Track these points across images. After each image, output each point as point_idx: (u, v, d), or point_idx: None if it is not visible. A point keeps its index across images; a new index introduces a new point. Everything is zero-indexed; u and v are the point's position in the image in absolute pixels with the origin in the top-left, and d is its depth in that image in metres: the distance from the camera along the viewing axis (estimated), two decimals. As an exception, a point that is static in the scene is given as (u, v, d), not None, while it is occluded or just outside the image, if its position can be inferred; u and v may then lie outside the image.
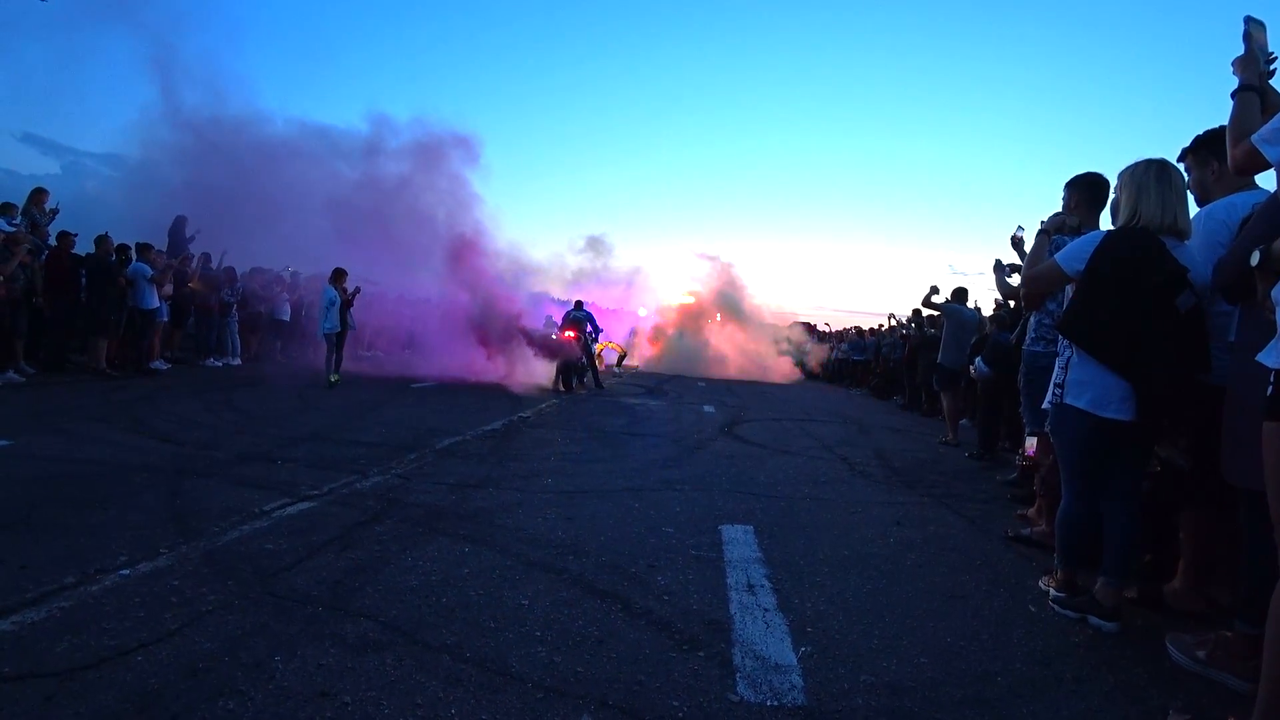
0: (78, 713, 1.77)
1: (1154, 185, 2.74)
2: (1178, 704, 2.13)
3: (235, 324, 12.56)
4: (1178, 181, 2.77)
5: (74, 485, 3.91)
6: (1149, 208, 2.73)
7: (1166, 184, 2.74)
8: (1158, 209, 2.72)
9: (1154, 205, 2.73)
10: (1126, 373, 2.69)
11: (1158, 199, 2.73)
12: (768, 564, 3.34)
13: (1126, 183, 2.83)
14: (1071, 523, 2.92)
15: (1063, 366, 2.91)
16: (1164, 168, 2.77)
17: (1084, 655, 2.56)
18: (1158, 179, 2.75)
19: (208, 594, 2.56)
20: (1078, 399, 2.81)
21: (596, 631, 2.48)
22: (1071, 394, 2.84)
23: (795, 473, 5.88)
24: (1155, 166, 2.77)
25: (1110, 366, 2.72)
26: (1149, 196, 2.74)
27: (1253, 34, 2.43)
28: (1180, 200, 2.76)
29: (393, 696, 1.96)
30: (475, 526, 3.64)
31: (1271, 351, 1.87)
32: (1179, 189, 2.77)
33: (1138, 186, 2.78)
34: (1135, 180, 2.79)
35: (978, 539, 4.11)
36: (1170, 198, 2.73)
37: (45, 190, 9.63)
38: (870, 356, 19.00)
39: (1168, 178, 2.75)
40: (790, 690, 2.15)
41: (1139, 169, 2.80)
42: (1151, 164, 2.79)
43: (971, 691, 2.22)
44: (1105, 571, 2.85)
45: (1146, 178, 2.77)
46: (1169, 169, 2.78)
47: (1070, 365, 2.87)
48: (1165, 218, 2.72)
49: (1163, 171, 2.76)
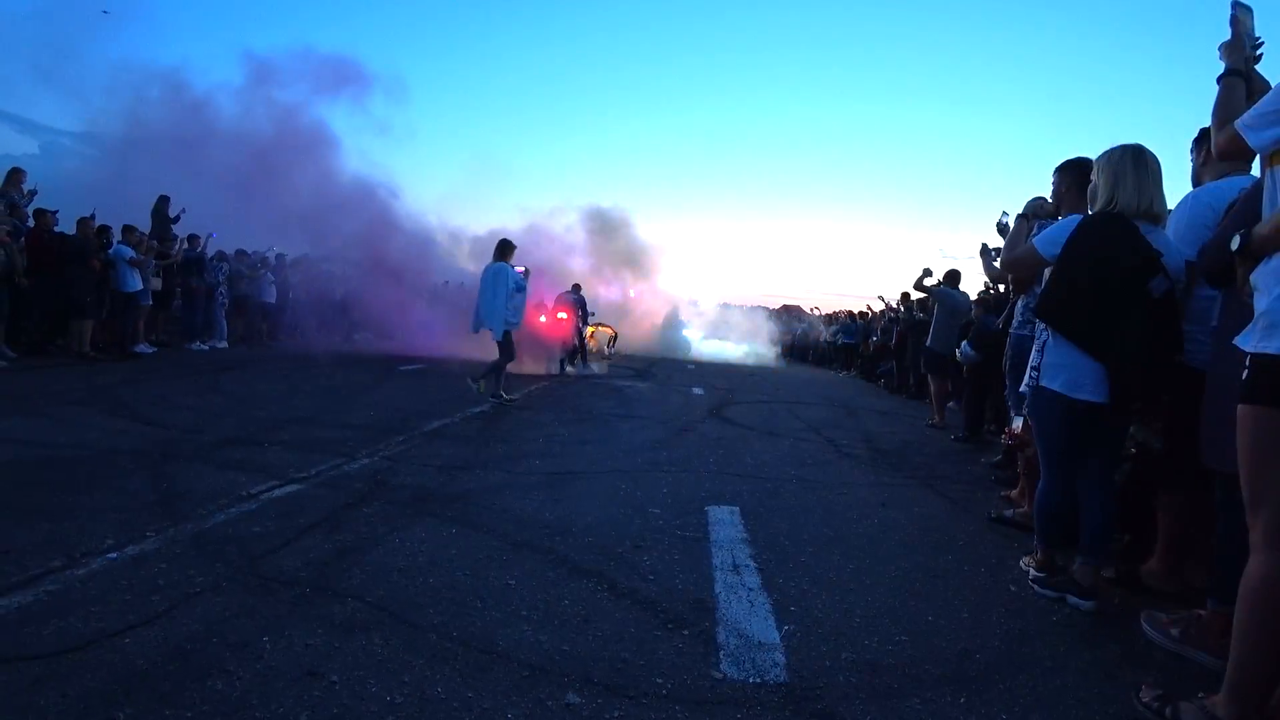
0: (64, 695, 1.78)
1: (1130, 171, 2.77)
2: (1150, 680, 2.18)
3: (222, 307, 12.45)
4: (1154, 167, 2.80)
5: (58, 469, 3.89)
6: (1125, 193, 2.77)
7: (1143, 169, 2.77)
8: (1134, 194, 2.76)
9: (1130, 190, 2.76)
10: (1100, 356, 2.74)
11: (1134, 184, 2.76)
12: (753, 544, 3.38)
13: (1103, 168, 2.86)
14: (1049, 504, 2.97)
15: (1039, 349, 2.96)
16: (1140, 153, 2.80)
17: (1061, 633, 2.61)
18: (1134, 164, 2.78)
19: (195, 576, 2.56)
20: (1053, 381, 2.85)
21: (582, 611, 2.50)
22: (1047, 376, 2.88)
23: (782, 455, 5.92)
24: (1131, 152, 2.81)
25: (1084, 349, 2.77)
26: (1125, 182, 2.77)
27: (1240, 19, 2.43)
28: (1156, 185, 2.80)
29: (380, 675, 1.97)
30: (462, 508, 3.65)
31: (1248, 335, 1.89)
32: (1155, 174, 2.80)
33: (1114, 172, 2.80)
34: (1112, 166, 2.82)
35: (961, 520, 4.17)
36: (1146, 183, 2.76)
37: (22, 170, 9.47)
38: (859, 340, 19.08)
39: (1144, 163, 2.78)
40: (773, 667, 2.19)
41: (1115, 154, 2.83)
42: (1128, 149, 2.82)
43: (950, 669, 2.27)
44: (1082, 552, 2.90)
45: (1123, 163, 2.79)
46: (1145, 154, 2.80)
47: (1046, 348, 2.92)
48: (1141, 203, 2.75)
49: (1139, 157, 2.79)
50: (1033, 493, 3.32)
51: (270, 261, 14.03)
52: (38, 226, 9.09)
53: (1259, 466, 1.84)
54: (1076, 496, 2.94)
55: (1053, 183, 3.87)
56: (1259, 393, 1.83)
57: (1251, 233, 1.91)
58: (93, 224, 9.74)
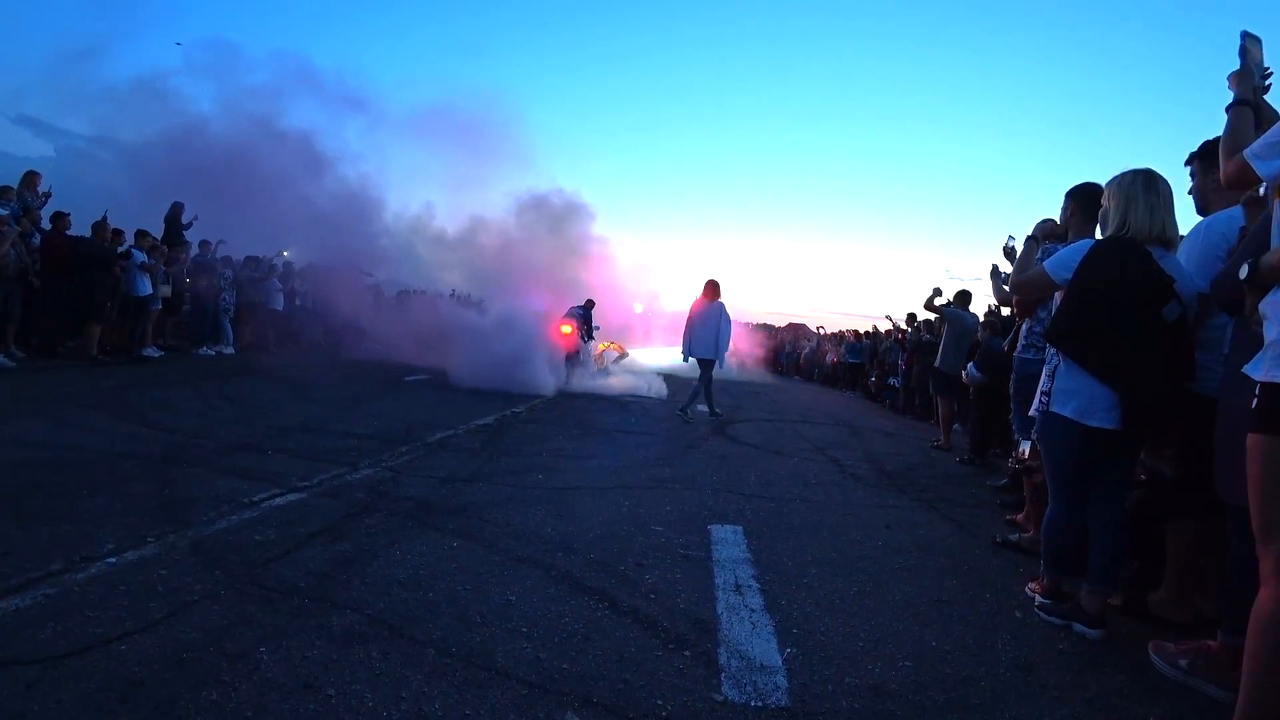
0: (60, 700, 1.77)
1: (1142, 195, 2.77)
2: (1159, 712, 2.15)
3: (226, 313, 12.50)
4: (1165, 192, 2.80)
5: (61, 472, 3.89)
6: (1137, 218, 2.77)
7: (1154, 194, 2.77)
8: (1145, 219, 2.75)
9: (1142, 215, 2.76)
10: (1111, 382, 2.71)
11: (1145, 209, 2.76)
12: (756, 564, 3.35)
13: (1114, 193, 2.86)
14: (1057, 530, 2.93)
15: (1049, 374, 2.93)
16: (1151, 178, 2.80)
17: (1068, 662, 2.57)
18: (1145, 189, 2.78)
19: (194, 584, 2.55)
20: (1064, 407, 2.82)
21: (583, 629, 2.48)
22: (1058, 402, 2.85)
23: (786, 474, 5.89)
24: (1143, 177, 2.80)
25: (1095, 375, 2.74)
26: (1137, 206, 2.77)
27: (1249, 49, 2.44)
28: (1168, 210, 2.79)
29: (377, 690, 1.96)
30: (465, 521, 3.64)
31: (1258, 364, 1.88)
32: (1166, 199, 2.79)
33: (1126, 197, 2.81)
34: (1123, 190, 2.82)
35: (966, 543, 4.13)
36: (1158, 208, 2.76)
37: (38, 173, 9.57)
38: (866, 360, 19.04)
39: (1155, 188, 2.78)
40: (775, 691, 2.16)
41: (1126, 179, 2.83)
42: (1139, 174, 2.82)
43: (954, 695, 2.23)
44: (1090, 579, 2.87)
45: (1134, 188, 2.79)
46: (1156, 179, 2.80)
47: (1057, 373, 2.89)
48: (1153, 228, 2.75)
49: (1150, 182, 2.79)
50: (1040, 518, 3.29)
51: (278, 268, 14.11)
52: (54, 229, 9.17)
53: (1269, 496, 1.82)
54: (1085, 524, 2.90)
55: (1062, 206, 3.88)
56: (1269, 422, 1.81)
57: (1259, 262, 1.91)
58: (107, 226, 9.83)
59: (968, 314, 8.51)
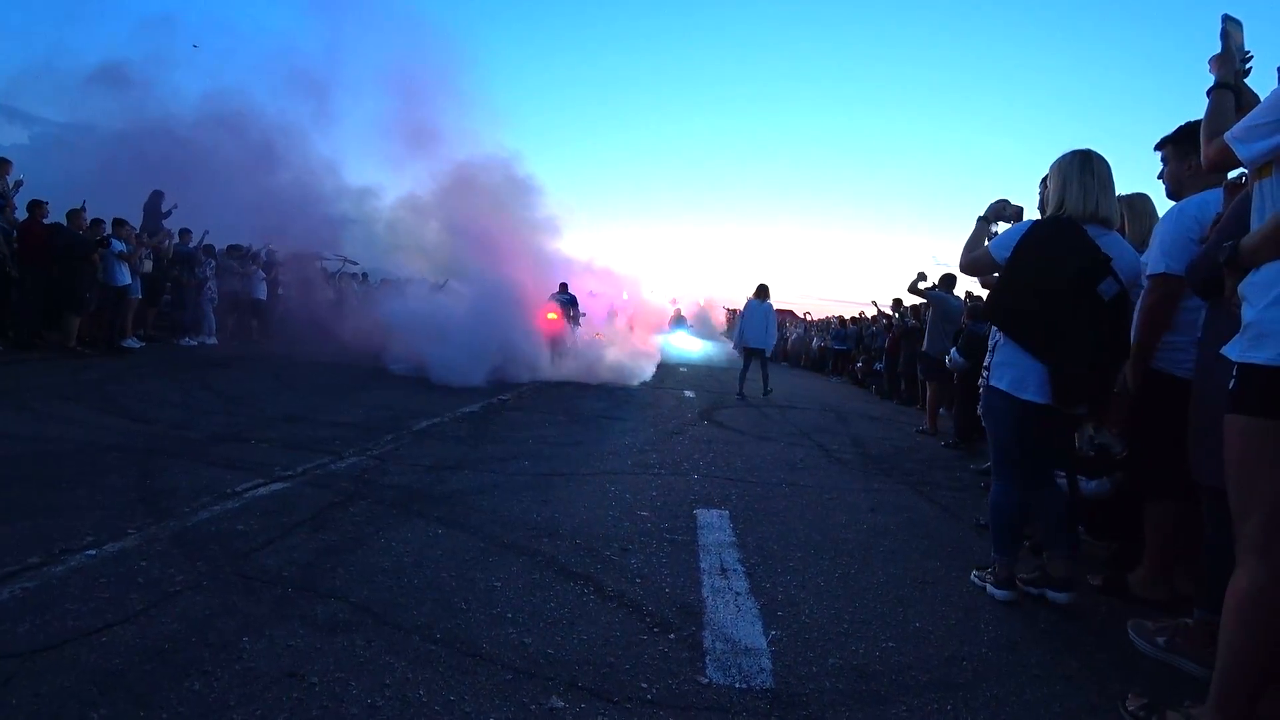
0: (37, 694, 1.75)
1: (1076, 176, 2.85)
2: (1137, 688, 2.18)
3: (210, 302, 12.35)
4: (1101, 172, 2.85)
5: (40, 464, 3.84)
6: (1072, 197, 2.84)
7: (1089, 173, 2.84)
8: (1079, 198, 2.82)
9: (1076, 195, 2.83)
10: (1043, 357, 2.77)
11: (1079, 188, 2.83)
12: (741, 548, 3.36)
13: (1054, 174, 2.94)
14: (1001, 506, 2.98)
15: (991, 349, 3.00)
16: (1087, 158, 2.86)
17: (1049, 641, 2.61)
18: (1081, 169, 2.85)
19: (175, 574, 2.52)
20: (1000, 380, 2.90)
21: (568, 613, 2.48)
22: (995, 376, 2.94)
23: (773, 459, 5.91)
24: (1079, 157, 2.88)
25: (1028, 350, 2.81)
26: (1072, 187, 2.84)
27: (1230, 32, 2.44)
28: (1103, 189, 2.84)
29: (361, 677, 1.95)
30: (450, 508, 3.63)
31: (1235, 345, 1.90)
32: (1103, 179, 2.85)
33: (1063, 177, 2.88)
34: (1060, 171, 2.90)
35: (950, 526, 4.17)
36: (1092, 187, 2.82)
37: (9, 161, 9.35)
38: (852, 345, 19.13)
39: (1090, 167, 2.85)
40: (759, 673, 2.17)
41: (1065, 160, 2.90)
42: (1076, 155, 2.89)
43: (938, 675, 2.26)
44: (1046, 546, 2.95)
45: (1070, 168, 2.87)
46: (1092, 159, 2.86)
47: (997, 348, 2.99)
48: (1087, 206, 2.81)
49: (1085, 161, 2.86)
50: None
51: (261, 257, 13.94)
52: (31, 218, 8.99)
53: (1245, 476, 1.84)
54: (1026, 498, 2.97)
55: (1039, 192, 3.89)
56: (1245, 402, 1.83)
57: (1239, 243, 1.92)
58: (85, 216, 9.64)
59: (952, 297, 8.54)
